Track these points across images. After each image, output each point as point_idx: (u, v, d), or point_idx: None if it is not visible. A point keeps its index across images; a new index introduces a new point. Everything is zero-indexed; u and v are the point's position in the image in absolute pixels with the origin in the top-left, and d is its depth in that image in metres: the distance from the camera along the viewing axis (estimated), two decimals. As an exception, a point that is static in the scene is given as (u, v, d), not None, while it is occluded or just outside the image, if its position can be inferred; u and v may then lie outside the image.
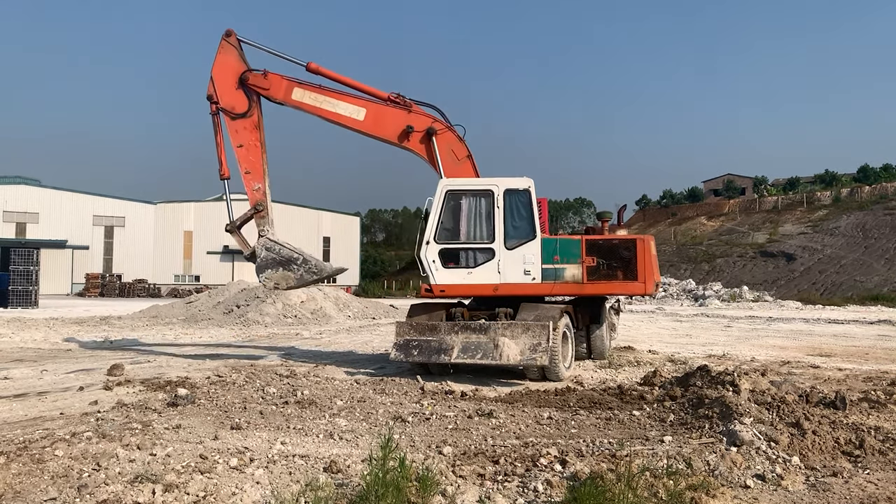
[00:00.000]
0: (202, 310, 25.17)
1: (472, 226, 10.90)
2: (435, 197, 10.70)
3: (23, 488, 4.56)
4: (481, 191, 10.88)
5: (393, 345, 10.67)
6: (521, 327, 9.93)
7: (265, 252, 11.42)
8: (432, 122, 11.78)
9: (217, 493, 4.53)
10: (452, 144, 11.81)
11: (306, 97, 11.67)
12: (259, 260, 11.40)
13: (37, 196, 59.91)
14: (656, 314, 30.73)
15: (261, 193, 11.60)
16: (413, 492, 4.32)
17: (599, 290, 11.45)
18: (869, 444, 5.76)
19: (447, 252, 10.67)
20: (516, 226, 10.86)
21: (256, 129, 11.65)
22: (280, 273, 11.36)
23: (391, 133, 11.74)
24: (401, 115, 11.77)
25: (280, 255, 11.44)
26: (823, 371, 11.52)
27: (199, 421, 6.83)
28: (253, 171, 11.57)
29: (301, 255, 11.55)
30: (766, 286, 51.15)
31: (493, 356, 9.77)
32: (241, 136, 11.55)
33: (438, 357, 10.12)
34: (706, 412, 6.70)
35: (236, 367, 11.29)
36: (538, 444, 6.01)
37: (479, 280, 10.75)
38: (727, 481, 4.99)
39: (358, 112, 11.70)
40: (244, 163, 11.54)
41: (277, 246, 11.50)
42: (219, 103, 11.51)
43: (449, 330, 10.30)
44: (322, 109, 11.66)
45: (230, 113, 11.55)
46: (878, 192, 69.63)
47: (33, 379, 10.13)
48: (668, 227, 78.33)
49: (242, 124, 11.56)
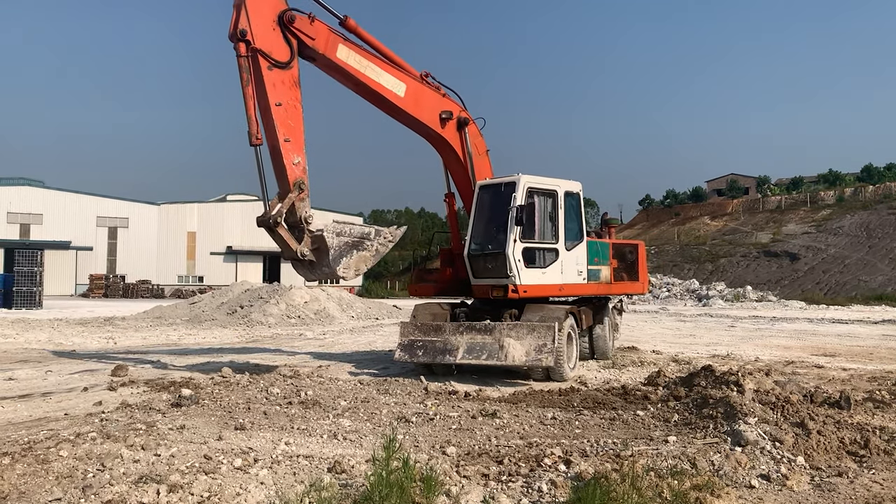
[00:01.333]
0: (206, 310, 25.22)
1: (543, 225, 10.64)
2: (517, 193, 10.13)
3: (28, 489, 4.57)
4: (548, 191, 10.69)
5: (398, 345, 10.60)
6: (527, 328, 9.83)
7: (336, 239, 9.39)
8: (461, 110, 11.16)
9: (221, 493, 4.53)
10: (475, 138, 11.44)
11: (352, 58, 9.92)
12: (332, 251, 9.31)
13: (41, 197, 60.11)
14: (660, 314, 30.68)
15: (301, 169, 9.32)
16: (417, 492, 4.32)
17: (618, 290, 12.75)
18: (874, 444, 5.74)
19: (527, 252, 10.25)
20: (571, 227, 10.99)
21: (296, 86, 9.48)
22: (356, 257, 9.60)
23: (428, 116, 10.73)
24: (436, 97, 10.90)
25: (353, 236, 9.62)
26: (828, 371, 11.50)
27: (203, 421, 6.84)
28: (294, 138, 9.27)
29: (369, 225, 10.06)
30: (770, 286, 51.05)
31: (499, 357, 9.68)
32: (280, 91, 9.22)
33: (443, 358, 10.03)
34: (710, 412, 6.69)
35: (240, 367, 11.29)
36: (542, 444, 6.00)
37: (549, 280, 10.59)
38: (732, 481, 4.98)
39: (398, 86, 10.33)
40: (283, 127, 9.16)
41: (346, 226, 9.66)
42: (253, 43, 9.03)
43: (454, 330, 10.17)
44: (365, 76, 10.03)
45: (269, 59, 9.15)
46: (882, 192, 69.43)
47: (38, 380, 10.15)
48: (671, 227, 78.18)
49: (281, 77, 9.26)
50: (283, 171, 9.19)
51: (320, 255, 9.35)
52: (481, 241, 10.66)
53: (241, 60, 9.00)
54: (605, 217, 13.96)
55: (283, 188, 9.26)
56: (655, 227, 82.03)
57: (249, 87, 9.03)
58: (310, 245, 9.31)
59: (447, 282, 11.61)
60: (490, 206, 10.72)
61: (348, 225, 9.71)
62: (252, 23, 9.03)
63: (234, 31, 8.99)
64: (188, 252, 66.63)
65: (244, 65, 9.00)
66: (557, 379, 10.00)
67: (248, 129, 9.02)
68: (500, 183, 10.66)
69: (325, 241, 9.23)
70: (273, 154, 9.27)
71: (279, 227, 9.08)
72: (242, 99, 9.04)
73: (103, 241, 62.47)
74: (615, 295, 13.15)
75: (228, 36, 9.09)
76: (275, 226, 9.05)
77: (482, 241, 10.65)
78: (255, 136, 9.04)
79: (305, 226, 9.27)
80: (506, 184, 10.50)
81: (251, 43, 9.01)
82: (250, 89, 9.04)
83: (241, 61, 9.00)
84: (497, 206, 10.49)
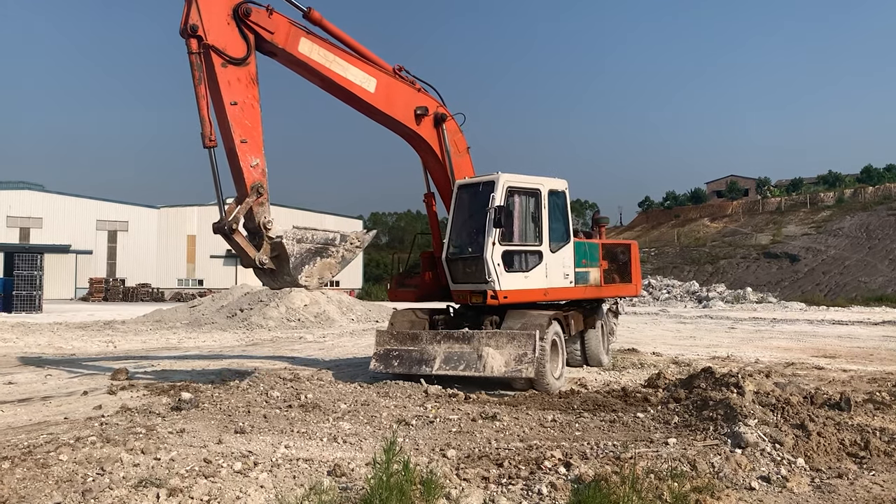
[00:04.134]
0: (206, 314, 25.20)
1: (525, 227, 10.09)
2: (496, 193, 9.53)
3: (27, 493, 4.56)
4: (530, 190, 10.11)
5: (373, 354, 10.13)
6: (507, 337, 9.31)
7: (297, 245, 8.88)
8: (438, 105, 10.61)
9: (221, 497, 4.53)
10: (455, 134, 10.83)
11: (315, 52, 9.35)
12: (293, 259, 8.78)
13: (40, 201, 60.13)
14: (660, 316, 30.68)
15: (259, 172, 8.72)
16: (417, 495, 4.32)
17: (609, 292, 12.01)
18: (874, 446, 5.74)
19: (507, 255, 9.66)
20: (555, 228, 10.40)
21: (253, 83, 8.90)
22: (320, 264, 9.00)
23: (401, 113, 10.18)
24: (409, 92, 10.33)
25: (316, 242, 9.05)
26: (828, 372, 11.49)
27: (203, 425, 6.83)
28: (251, 139, 8.70)
29: (333, 232, 9.44)
30: (770, 287, 51.05)
31: (477, 367, 9.19)
32: (236, 90, 8.66)
33: (420, 368, 9.55)
34: (711, 414, 6.68)
35: (240, 370, 11.29)
36: (542, 446, 6.00)
37: (532, 285, 9.98)
38: (732, 483, 4.98)
39: (368, 81, 9.77)
40: (239, 127, 8.60)
41: (308, 232, 9.11)
42: (205, 39, 8.47)
43: (431, 339, 9.69)
44: (330, 71, 9.47)
45: (223, 55, 8.61)
46: (882, 193, 69.53)
47: (37, 384, 10.15)
48: (671, 229, 78.22)
49: (237, 74, 8.71)
50: (240, 174, 8.67)
51: (280, 263, 8.80)
52: (460, 244, 10.15)
53: (193, 57, 8.44)
54: (596, 216, 13.23)
55: (241, 192, 8.71)
56: (655, 228, 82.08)
57: (202, 85, 8.49)
58: (269, 252, 8.72)
59: (428, 287, 11.01)
60: (469, 206, 10.17)
61: (310, 231, 9.18)
62: (204, 17, 8.49)
63: (184, 26, 8.47)
64: (188, 255, 66.64)
65: (196, 62, 8.45)
66: (541, 389, 9.44)
67: (202, 130, 8.53)
68: (479, 182, 10.11)
69: (285, 248, 8.68)
70: (230, 156, 8.74)
71: (236, 234, 8.59)
72: (195, 98, 8.49)
73: (103, 244, 62.48)
74: (607, 298, 12.51)
75: (179, 31, 8.54)
76: (231, 232, 8.54)
77: (461, 244, 10.14)
78: (208, 137, 8.53)
79: (265, 232, 8.69)
80: (484, 183, 9.94)
81: (203, 39, 8.46)
82: (202, 88, 8.50)
83: (192, 58, 8.45)
84: (476, 206, 9.94)
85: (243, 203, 8.58)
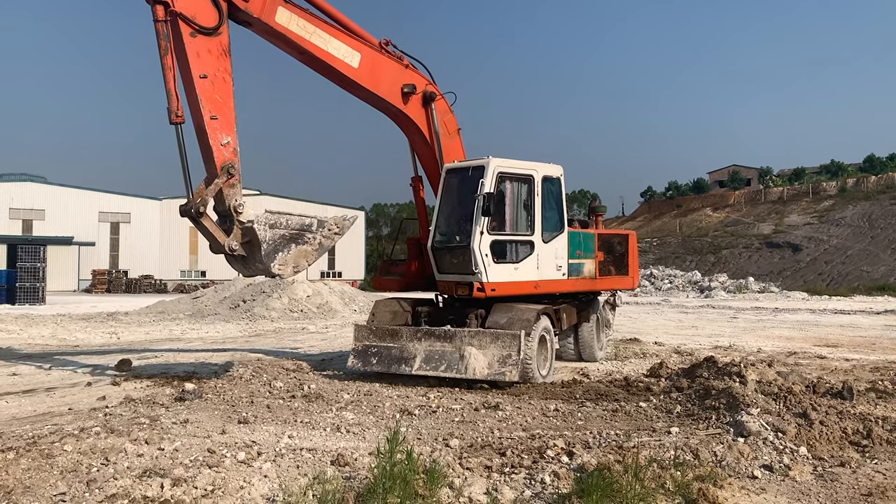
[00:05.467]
0: (209, 305, 25.24)
1: (515, 215, 9.54)
2: (486, 178, 8.99)
3: (32, 483, 4.59)
4: (523, 176, 9.56)
5: (352, 350, 9.66)
6: (490, 336, 8.74)
7: (269, 231, 8.20)
8: (427, 83, 9.97)
9: (225, 486, 4.55)
10: (445, 115, 10.18)
11: (293, 23, 8.67)
12: (265, 245, 8.12)
13: (43, 193, 60.15)
14: (662, 306, 30.69)
15: (230, 151, 8.10)
16: (420, 484, 4.33)
17: (604, 285, 11.41)
18: (877, 434, 5.75)
19: (496, 245, 9.13)
20: (549, 217, 9.88)
21: (225, 55, 8.24)
22: (295, 251, 8.34)
23: (387, 90, 9.55)
24: (396, 68, 9.68)
25: (291, 228, 8.42)
26: (830, 361, 11.50)
27: (206, 415, 6.86)
28: (221, 115, 8.06)
29: (309, 217, 8.83)
30: (772, 277, 51.02)
31: (458, 369, 8.64)
32: (205, 61, 8.01)
33: (399, 367, 9.06)
34: (713, 403, 6.70)
35: (243, 361, 11.31)
36: (545, 436, 6.02)
37: (522, 277, 9.44)
38: (734, 472, 4.99)
39: (352, 56, 9.14)
40: (208, 102, 7.96)
41: (282, 217, 8.45)
42: (172, 5, 7.81)
43: (411, 336, 9.16)
44: (310, 43, 8.81)
45: (192, 24, 7.93)
46: (885, 182, 69.27)
47: (41, 375, 10.18)
48: (673, 219, 78.10)
49: (207, 45, 8.04)
50: (209, 152, 8.01)
51: (251, 250, 8.18)
52: (447, 232, 9.56)
53: (159, 26, 7.81)
54: (593, 204, 12.52)
55: (211, 172, 8.08)
56: (657, 218, 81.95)
57: (168, 56, 7.86)
58: (240, 238, 8.10)
59: (413, 276, 10.52)
60: (457, 192, 9.58)
61: (284, 215, 8.49)
62: None
63: None
64: (191, 247, 66.58)
65: (161, 31, 7.81)
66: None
67: (168, 104, 7.89)
68: (468, 167, 9.57)
69: (256, 233, 8.00)
70: (198, 133, 8.10)
71: (204, 218, 8.00)
72: (161, 70, 7.89)
73: (106, 236, 62.51)
74: (602, 291, 11.89)
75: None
76: (198, 216, 7.95)
77: (448, 232, 9.55)
78: (174, 112, 7.89)
79: (235, 216, 8.08)
80: (474, 167, 9.39)
81: (170, 5, 7.81)
82: (169, 59, 7.86)
83: (157, 27, 7.81)
84: (465, 192, 9.33)
85: (212, 184, 7.96)
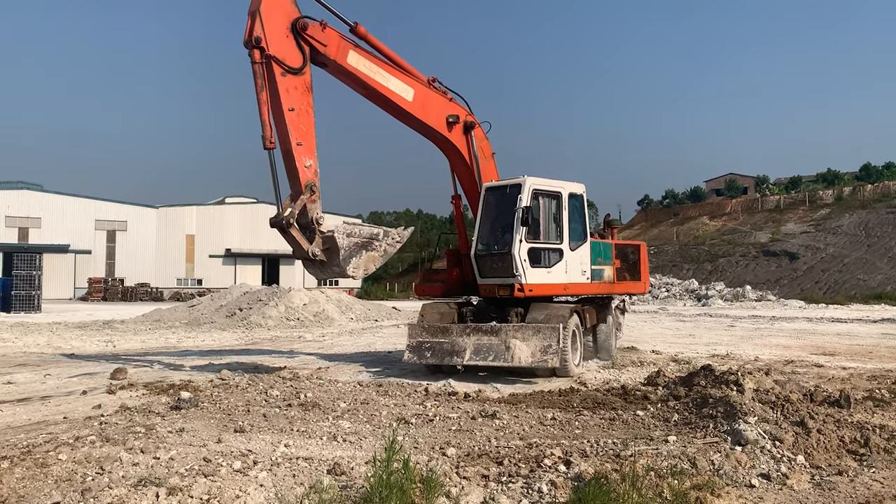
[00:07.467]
0: (205, 313, 25.18)
1: (548, 226, 10.96)
2: (523, 194, 10.44)
3: (27, 492, 4.55)
4: (553, 192, 11.02)
5: (406, 346, 10.85)
6: (532, 329, 10.07)
7: (346, 239, 9.69)
8: (467, 114, 11.51)
9: (221, 496, 4.52)
10: (481, 141, 11.78)
11: (362, 63, 10.27)
12: (343, 251, 9.61)
13: (39, 201, 60.07)
14: (659, 314, 30.69)
15: (312, 171, 9.66)
16: (417, 493, 4.31)
17: (620, 289, 13.13)
18: (874, 443, 5.74)
19: (532, 251, 10.52)
20: (575, 228, 11.27)
21: (309, 91, 9.81)
22: (365, 257, 9.90)
23: (435, 120, 11.11)
24: (442, 101, 11.28)
25: (362, 237, 9.92)
26: (827, 370, 11.50)
27: (202, 424, 6.82)
28: (305, 142, 9.61)
29: (377, 226, 10.33)
30: (769, 285, 51.08)
31: (505, 358, 9.92)
32: (293, 97, 9.55)
33: (451, 359, 10.28)
34: (710, 412, 6.69)
35: (239, 370, 11.28)
36: (542, 444, 6.00)
37: (554, 279, 10.84)
38: (732, 481, 4.97)
39: (407, 91, 10.72)
40: (295, 131, 9.51)
41: (356, 227, 10.00)
42: (268, 50, 9.31)
43: (461, 332, 10.42)
44: (374, 81, 10.38)
45: (283, 65, 9.47)
46: (881, 191, 69.55)
47: (37, 383, 10.13)
48: (670, 227, 78.22)
49: (294, 83, 9.60)
50: (295, 173, 9.52)
51: (331, 256, 9.63)
52: (487, 242, 10.95)
53: (256, 67, 9.28)
54: (608, 218, 14.47)
55: (295, 190, 9.58)
56: (654, 227, 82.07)
57: (263, 92, 9.31)
58: (321, 245, 9.58)
59: (454, 282, 11.82)
60: (496, 207, 10.97)
61: (358, 226, 9.98)
62: (266, 30, 9.31)
63: (248, 38, 9.28)
64: (187, 255, 66.57)
65: (258, 71, 9.29)
66: (562, 375, 10.30)
67: (262, 133, 9.32)
68: (507, 185, 10.94)
69: (336, 241, 9.51)
70: (286, 157, 9.58)
71: (292, 228, 9.38)
72: (257, 104, 9.33)
73: (102, 244, 62.42)
74: (618, 294, 13.46)
75: (243, 43, 9.36)
76: (287, 227, 9.34)
77: (488, 242, 10.94)
78: (268, 139, 9.33)
79: (317, 227, 9.58)
80: (511, 185, 10.78)
81: (265, 50, 9.28)
82: (264, 95, 9.32)
83: (255, 67, 9.28)
84: (503, 207, 10.74)
85: (298, 200, 9.44)
